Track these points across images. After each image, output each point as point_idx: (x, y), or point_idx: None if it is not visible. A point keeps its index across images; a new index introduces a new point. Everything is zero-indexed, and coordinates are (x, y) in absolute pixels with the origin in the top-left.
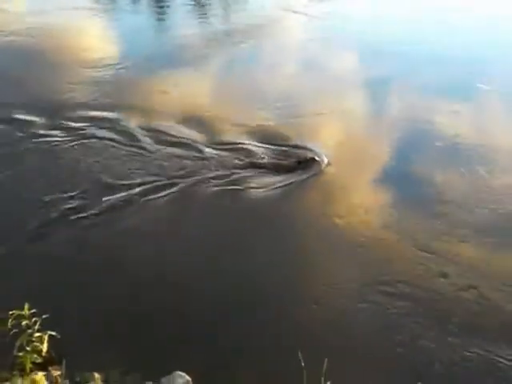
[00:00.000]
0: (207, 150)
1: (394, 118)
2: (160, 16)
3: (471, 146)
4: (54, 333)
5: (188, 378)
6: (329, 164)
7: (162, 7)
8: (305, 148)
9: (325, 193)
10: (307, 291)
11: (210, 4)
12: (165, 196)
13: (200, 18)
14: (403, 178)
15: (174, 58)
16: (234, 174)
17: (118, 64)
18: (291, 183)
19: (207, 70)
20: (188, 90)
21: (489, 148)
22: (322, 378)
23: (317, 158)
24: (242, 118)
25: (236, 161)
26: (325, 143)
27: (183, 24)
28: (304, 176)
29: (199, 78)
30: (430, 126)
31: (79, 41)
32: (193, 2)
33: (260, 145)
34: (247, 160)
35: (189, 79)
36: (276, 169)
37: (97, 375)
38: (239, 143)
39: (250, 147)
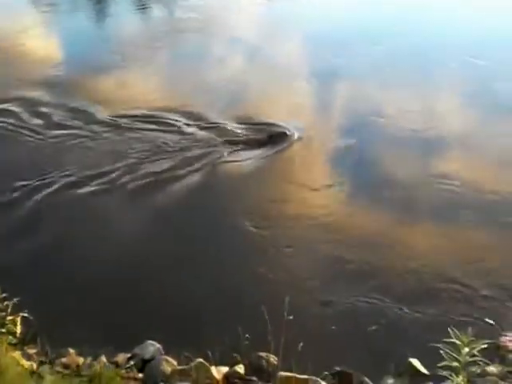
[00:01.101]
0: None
1: (351, 100)
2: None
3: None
4: (26, 314)
5: (158, 345)
6: (298, 138)
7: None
8: (275, 125)
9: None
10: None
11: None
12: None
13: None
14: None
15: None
16: (213, 150)
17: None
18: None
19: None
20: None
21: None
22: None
23: (287, 132)
24: (214, 103)
25: (213, 138)
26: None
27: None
28: (275, 149)
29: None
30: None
31: (20, 41)
32: None
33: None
34: (223, 138)
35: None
36: (250, 143)
37: (71, 350)
38: (215, 124)
39: (224, 127)
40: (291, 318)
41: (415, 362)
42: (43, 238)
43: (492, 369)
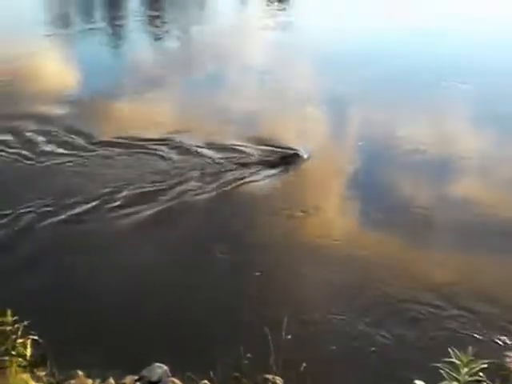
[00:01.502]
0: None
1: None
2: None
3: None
4: (36, 337)
5: (165, 367)
6: (308, 158)
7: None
8: (287, 147)
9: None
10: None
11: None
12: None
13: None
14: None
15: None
16: (230, 170)
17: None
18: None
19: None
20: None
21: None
22: None
23: (299, 153)
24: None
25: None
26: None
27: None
28: (287, 168)
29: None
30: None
31: (34, 68)
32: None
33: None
34: (239, 160)
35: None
36: (264, 164)
37: (80, 372)
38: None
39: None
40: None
41: None
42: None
43: None
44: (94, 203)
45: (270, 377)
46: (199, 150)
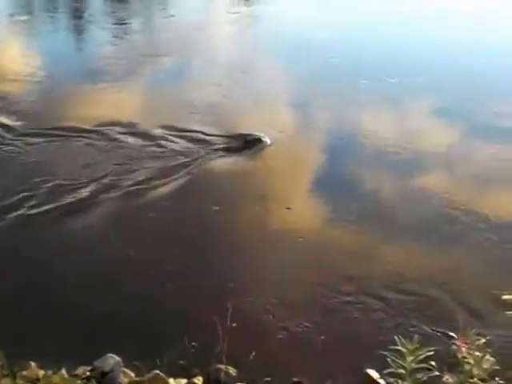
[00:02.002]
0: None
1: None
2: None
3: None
4: None
5: (118, 358)
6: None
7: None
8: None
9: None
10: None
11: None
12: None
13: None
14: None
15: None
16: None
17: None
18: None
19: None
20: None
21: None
22: None
23: (262, 138)
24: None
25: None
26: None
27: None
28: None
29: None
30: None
31: None
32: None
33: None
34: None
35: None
36: (229, 150)
37: (33, 363)
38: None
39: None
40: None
41: (372, 373)
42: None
43: (448, 378)
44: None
45: (222, 366)
46: (160, 137)
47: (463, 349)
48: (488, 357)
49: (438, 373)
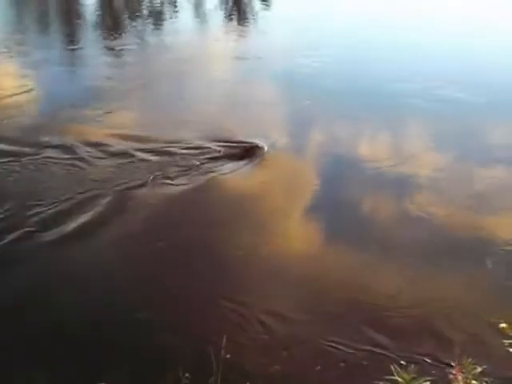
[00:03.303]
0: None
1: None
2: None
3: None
4: None
5: None
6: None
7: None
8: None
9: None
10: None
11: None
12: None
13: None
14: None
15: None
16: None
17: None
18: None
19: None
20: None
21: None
22: None
23: (260, 146)
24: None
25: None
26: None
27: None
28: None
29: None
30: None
31: None
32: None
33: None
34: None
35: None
36: (230, 157)
37: None
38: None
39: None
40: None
41: None
42: None
43: None
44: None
45: None
46: (164, 149)
47: (459, 377)
48: None
49: None
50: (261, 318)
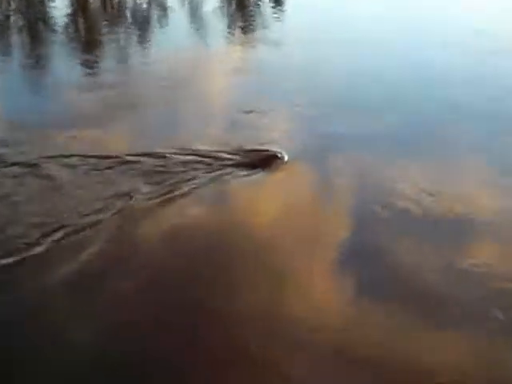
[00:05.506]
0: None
1: None
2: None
3: None
4: None
5: None
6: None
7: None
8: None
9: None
10: None
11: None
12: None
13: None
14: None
15: None
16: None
17: None
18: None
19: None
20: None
21: None
22: None
23: (278, 155)
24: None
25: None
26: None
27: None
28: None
29: None
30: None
31: None
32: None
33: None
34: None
35: None
36: (245, 166)
37: None
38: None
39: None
40: None
41: None
42: None
43: None
44: None
45: None
46: (175, 156)
47: None
48: None
49: None
50: None
